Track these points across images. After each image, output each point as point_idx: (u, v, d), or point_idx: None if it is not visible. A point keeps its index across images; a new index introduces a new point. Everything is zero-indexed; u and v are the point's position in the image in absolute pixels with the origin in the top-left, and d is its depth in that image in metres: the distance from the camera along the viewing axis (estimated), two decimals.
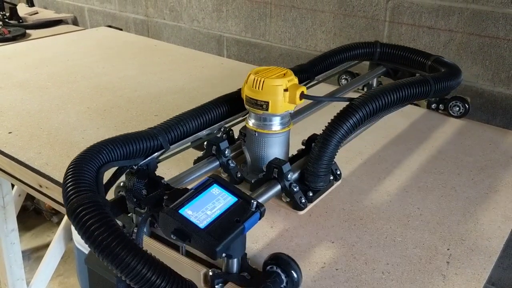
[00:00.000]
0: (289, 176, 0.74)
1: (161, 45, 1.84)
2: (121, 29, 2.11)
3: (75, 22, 2.37)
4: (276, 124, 0.77)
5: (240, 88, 0.80)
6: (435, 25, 1.34)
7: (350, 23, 1.50)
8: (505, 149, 1.07)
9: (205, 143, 0.81)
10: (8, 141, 1.03)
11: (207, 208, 0.59)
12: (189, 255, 0.69)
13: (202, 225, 0.57)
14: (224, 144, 0.79)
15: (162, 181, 0.69)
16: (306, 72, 1.02)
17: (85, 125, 1.12)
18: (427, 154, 1.03)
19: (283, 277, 0.62)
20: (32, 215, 2.57)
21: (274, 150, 0.79)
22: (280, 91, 0.73)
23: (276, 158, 0.76)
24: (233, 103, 0.84)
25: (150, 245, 0.70)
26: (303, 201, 0.76)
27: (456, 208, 0.85)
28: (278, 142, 0.79)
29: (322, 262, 0.71)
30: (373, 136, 1.10)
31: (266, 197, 0.74)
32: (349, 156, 1.01)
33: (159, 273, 0.51)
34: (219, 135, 0.83)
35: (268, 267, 0.63)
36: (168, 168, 0.87)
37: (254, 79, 0.74)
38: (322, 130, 0.76)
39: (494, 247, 0.76)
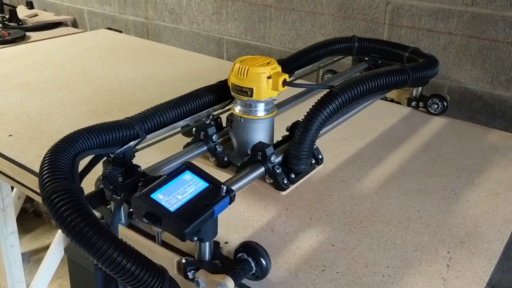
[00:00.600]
0: (272, 158, 0.77)
1: (161, 48, 1.84)
2: (120, 32, 2.11)
3: (74, 24, 2.37)
4: (260, 110, 0.81)
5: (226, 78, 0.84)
6: (435, 27, 1.35)
7: (349, 25, 1.51)
8: (505, 152, 1.07)
9: (194, 129, 0.84)
10: (8, 144, 1.03)
11: (178, 192, 0.61)
12: (164, 245, 0.70)
13: (172, 208, 0.59)
14: (211, 130, 0.82)
15: (139, 169, 0.71)
16: (285, 67, 1.02)
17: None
18: (427, 156, 1.03)
19: (252, 264, 0.65)
20: (31, 218, 2.56)
21: (259, 135, 0.82)
22: (264, 78, 0.77)
23: (260, 142, 0.80)
24: (219, 92, 0.87)
25: (127, 235, 0.71)
26: (285, 182, 0.79)
27: (456, 211, 0.85)
28: (263, 127, 0.82)
29: (322, 265, 0.72)
30: (373, 139, 1.10)
31: (250, 178, 0.76)
32: (349, 159, 1.01)
33: (129, 257, 0.52)
34: (207, 122, 0.86)
35: (239, 255, 0.66)
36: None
37: (239, 67, 0.78)
38: (304, 115, 0.80)
39: (494, 250, 0.76)
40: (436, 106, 1.24)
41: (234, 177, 0.76)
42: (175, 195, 0.61)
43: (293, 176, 0.80)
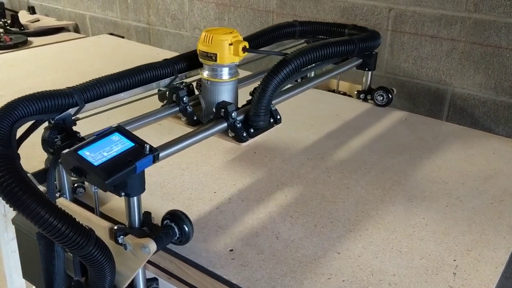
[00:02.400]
0: (233, 114, 0.89)
1: (163, 53, 1.84)
2: (122, 37, 2.11)
3: (76, 30, 2.38)
4: (224, 74, 0.92)
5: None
6: (438, 34, 1.35)
7: None
8: (509, 158, 1.06)
9: (167, 92, 0.95)
10: None
11: (104, 150, 0.67)
12: (105, 217, 0.75)
13: (96, 163, 0.64)
14: (182, 93, 0.94)
15: (78, 134, 0.77)
16: None
17: (87, 133, 1.12)
18: (431, 163, 1.03)
19: (176, 230, 0.71)
20: None
21: (223, 96, 0.93)
22: (226, 45, 0.88)
23: (223, 101, 0.92)
24: (167, 67, 0.95)
25: (68, 206, 0.74)
26: (245, 135, 0.90)
27: (461, 218, 0.85)
28: (227, 89, 0.93)
29: (328, 273, 0.71)
30: (377, 145, 1.10)
31: (214, 130, 0.88)
32: (353, 165, 1.01)
33: (57, 217, 0.58)
34: (180, 87, 0.96)
35: (165, 222, 0.72)
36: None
37: (205, 35, 0.89)
38: (262, 79, 0.90)
39: (500, 257, 0.76)
40: (381, 98, 1.31)
41: (198, 128, 0.87)
42: (101, 152, 0.66)
43: (252, 131, 0.91)
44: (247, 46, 0.89)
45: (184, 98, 0.94)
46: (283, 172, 0.98)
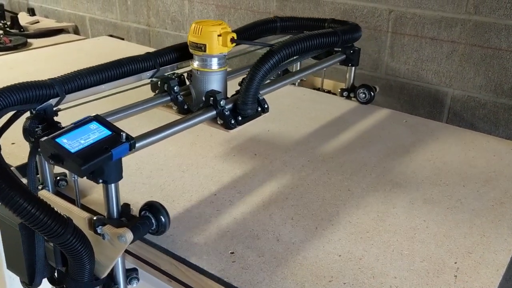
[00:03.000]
0: (222, 102, 0.93)
1: None
2: (122, 39, 2.11)
3: (76, 31, 2.38)
4: (214, 64, 0.95)
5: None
6: (438, 36, 1.35)
7: None
8: (510, 160, 1.06)
9: (159, 82, 0.99)
10: (11, 152, 1.03)
11: (81, 138, 0.69)
12: (86, 209, 0.78)
13: (73, 150, 0.67)
14: (173, 82, 0.97)
15: (58, 125, 0.78)
16: None
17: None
18: (432, 165, 1.03)
19: (153, 220, 0.73)
20: None
21: (213, 86, 0.96)
22: (215, 36, 0.91)
23: (212, 90, 0.95)
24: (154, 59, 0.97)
25: (49, 199, 0.76)
26: (233, 122, 0.94)
27: (462, 221, 0.85)
28: (216, 79, 0.96)
29: (329, 276, 0.71)
30: (378, 147, 1.10)
31: (203, 117, 0.92)
32: (354, 167, 1.01)
33: (35, 205, 0.60)
34: (172, 77, 0.99)
35: (142, 213, 0.74)
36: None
37: (195, 26, 0.92)
38: (249, 69, 0.95)
39: (501, 260, 0.76)
40: (363, 95, 1.34)
41: (188, 115, 0.91)
42: (78, 140, 0.68)
43: (240, 118, 0.95)
44: (235, 37, 0.93)
45: (175, 88, 0.98)
46: (284, 174, 0.98)
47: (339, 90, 1.39)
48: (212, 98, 0.92)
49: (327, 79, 1.44)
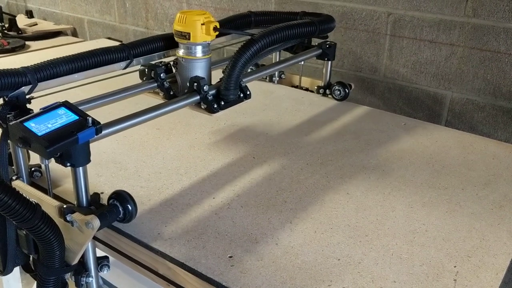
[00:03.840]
0: (205, 88, 0.97)
1: None
2: (121, 41, 2.11)
3: (74, 34, 2.37)
4: (198, 52, 0.99)
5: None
6: (436, 39, 1.35)
7: (351, 36, 1.51)
8: (508, 163, 1.06)
9: (146, 69, 1.03)
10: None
11: (49, 122, 0.72)
12: (56, 198, 0.80)
13: (40, 133, 0.69)
14: (160, 69, 1.02)
15: (30, 111, 0.80)
16: None
17: None
18: (431, 168, 1.03)
19: (120, 209, 0.77)
20: None
21: (197, 72, 1.01)
22: (198, 25, 0.95)
23: (196, 76, 0.99)
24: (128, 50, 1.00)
25: (22, 188, 0.80)
26: (215, 106, 0.99)
27: (461, 224, 0.85)
28: (200, 66, 1.01)
29: (328, 280, 0.71)
30: (376, 150, 1.09)
31: (187, 102, 0.97)
32: (353, 171, 1.01)
33: (6, 192, 0.62)
34: (159, 65, 1.04)
35: (110, 201, 0.78)
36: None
37: (180, 16, 0.96)
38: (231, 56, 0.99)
39: (501, 263, 0.76)
40: (338, 92, 1.37)
41: (172, 100, 0.96)
42: (45, 124, 0.71)
43: (222, 103, 0.99)
44: (218, 26, 0.97)
45: (162, 75, 1.02)
46: (282, 177, 0.97)
47: (316, 88, 1.42)
48: (196, 84, 0.97)
49: (304, 77, 1.48)
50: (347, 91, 1.36)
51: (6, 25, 2.15)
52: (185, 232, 0.80)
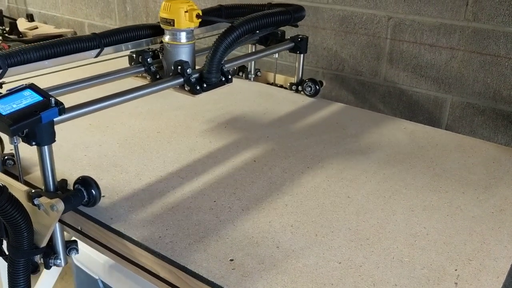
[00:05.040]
0: (188, 71, 1.04)
1: None
2: None
3: None
4: (182, 38, 1.05)
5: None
6: (437, 43, 1.35)
7: (351, 40, 1.51)
8: (509, 167, 1.06)
9: (134, 55, 1.10)
10: None
11: (14, 103, 0.76)
12: (26, 184, 0.85)
13: (4, 112, 0.73)
14: (147, 55, 1.08)
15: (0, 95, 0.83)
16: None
17: (87, 141, 1.12)
18: (431, 172, 1.03)
19: (84, 193, 0.82)
20: None
21: (182, 57, 1.07)
22: (182, 12, 1.02)
23: (180, 60, 1.06)
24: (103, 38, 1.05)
25: None
26: (198, 88, 1.05)
27: (462, 228, 0.85)
28: (184, 51, 1.07)
29: (329, 284, 0.71)
30: (377, 154, 1.10)
31: (171, 83, 1.04)
32: (354, 174, 1.01)
33: None
34: (146, 50, 1.10)
35: (75, 186, 0.83)
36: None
37: (165, 4, 1.03)
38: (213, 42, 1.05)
39: (502, 267, 0.76)
40: (309, 88, 1.42)
41: (157, 81, 1.03)
42: (10, 104, 0.75)
43: (205, 86, 1.06)
44: (201, 14, 1.03)
45: (149, 60, 1.09)
46: (283, 181, 0.97)
47: (289, 84, 1.47)
48: (180, 67, 1.03)
49: (279, 74, 1.52)
50: (317, 87, 1.40)
51: (7, 29, 2.15)
52: (186, 236, 0.80)
